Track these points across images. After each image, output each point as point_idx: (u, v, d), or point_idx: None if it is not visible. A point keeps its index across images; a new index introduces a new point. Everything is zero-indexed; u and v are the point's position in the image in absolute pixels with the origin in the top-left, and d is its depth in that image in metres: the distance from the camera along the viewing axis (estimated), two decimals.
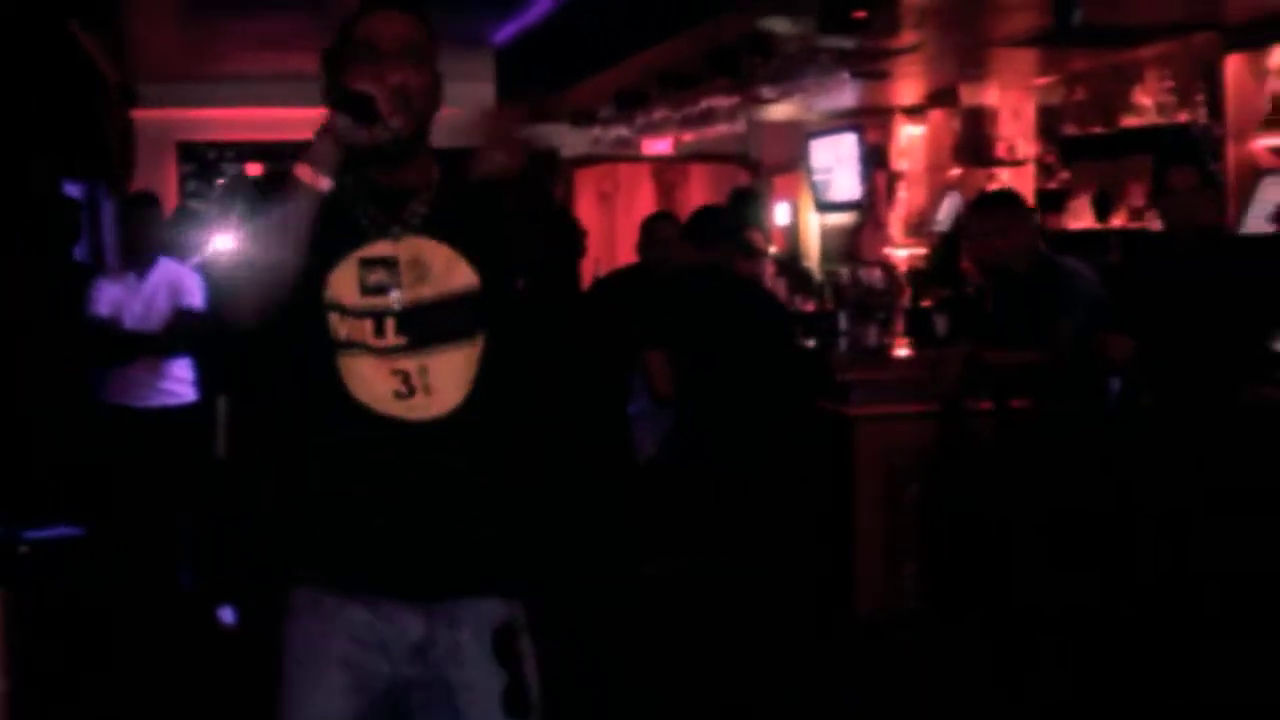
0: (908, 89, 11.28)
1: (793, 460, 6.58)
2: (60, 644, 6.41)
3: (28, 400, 7.27)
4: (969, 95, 10.81)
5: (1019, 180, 10.49)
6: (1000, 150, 10.74)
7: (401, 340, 2.95)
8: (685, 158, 14.78)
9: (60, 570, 6.41)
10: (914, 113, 12.08)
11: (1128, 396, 6.10)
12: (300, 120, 11.74)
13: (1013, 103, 10.74)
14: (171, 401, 7.37)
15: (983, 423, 6.68)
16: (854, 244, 12.01)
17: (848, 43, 8.25)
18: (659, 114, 10.27)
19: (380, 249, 2.96)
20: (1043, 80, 10.47)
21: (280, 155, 13.71)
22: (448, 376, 2.97)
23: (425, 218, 3.00)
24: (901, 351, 7.87)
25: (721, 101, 9.27)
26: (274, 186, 2.90)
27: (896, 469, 7.02)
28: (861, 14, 7.25)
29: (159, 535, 7.45)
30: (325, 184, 2.86)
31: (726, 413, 6.48)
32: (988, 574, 6.67)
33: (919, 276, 10.51)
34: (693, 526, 6.86)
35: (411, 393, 2.94)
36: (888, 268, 10.43)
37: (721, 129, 10.17)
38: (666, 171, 15.97)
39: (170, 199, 13.44)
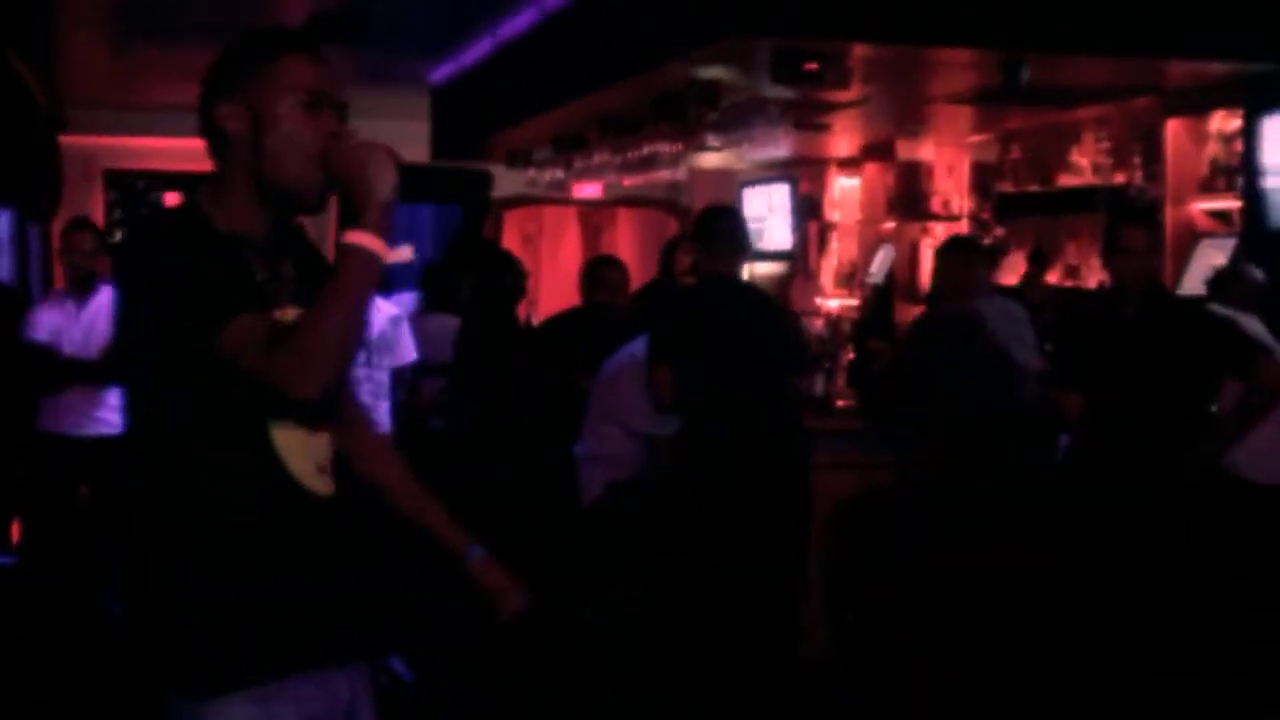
0: (844, 141, 11.36)
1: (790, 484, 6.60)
2: None
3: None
4: (905, 149, 10.89)
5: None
6: (935, 205, 10.83)
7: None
8: (613, 201, 14.77)
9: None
10: (849, 164, 12.15)
11: (1074, 451, 6.17)
12: None
13: (948, 158, 10.84)
14: (108, 430, 7.25)
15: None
16: (785, 294, 12.04)
17: (793, 94, 8.29)
18: (598, 158, 10.27)
19: (279, 316, 2.83)
20: (978, 137, 10.58)
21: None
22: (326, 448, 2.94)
23: (295, 287, 2.91)
24: (846, 401, 7.90)
25: (664, 147, 9.27)
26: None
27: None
28: (813, 66, 7.29)
29: (89, 565, 7.35)
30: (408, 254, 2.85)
31: (740, 429, 6.49)
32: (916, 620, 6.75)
33: (855, 327, 10.56)
34: (650, 560, 6.87)
35: (322, 468, 2.92)
36: (831, 320, 10.47)
37: (660, 175, 10.17)
38: (593, 215, 15.98)
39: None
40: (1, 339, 7.40)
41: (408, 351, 7.27)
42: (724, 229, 6.75)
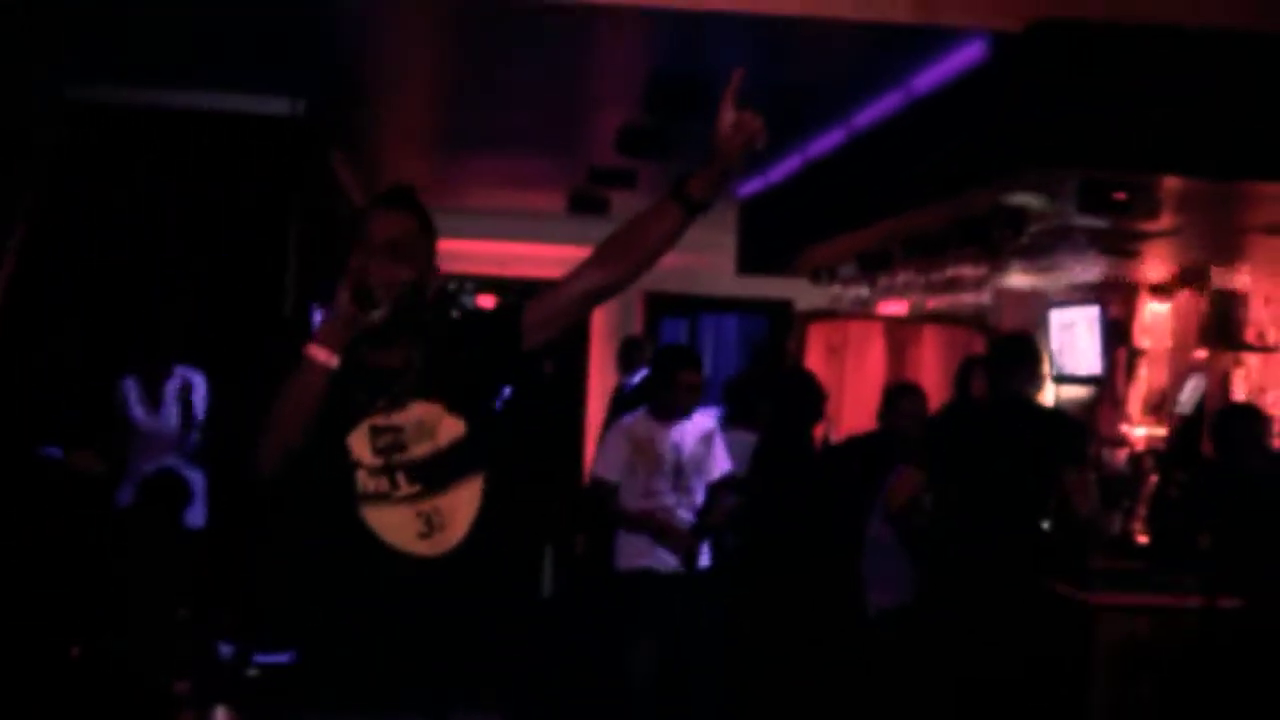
0: (1155, 267, 11.11)
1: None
2: None
3: (277, 530, 7.39)
4: (1220, 277, 10.60)
5: (1268, 367, 10.27)
6: (1250, 335, 10.51)
7: (416, 488, 3.50)
8: (919, 318, 14.67)
9: (286, 696, 6.48)
10: (1160, 291, 11.87)
11: None
12: (533, 256, 11.92)
13: (1265, 287, 10.52)
14: None
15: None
16: (1090, 419, 11.78)
17: (1101, 223, 8.15)
18: (903, 277, 10.22)
19: (386, 418, 3.53)
20: None
21: (512, 289, 13.92)
22: (458, 511, 3.53)
23: (416, 386, 3.54)
24: (1146, 539, 7.70)
25: (968, 270, 9.21)
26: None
27: (1136, 662, 6.84)
28: (1121, 196, 7.17)
29: None
30: (334, 361, 3.41)
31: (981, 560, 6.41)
32: None
33: (1160, 459, 10.29)
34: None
35: (431, 531, 3.50)
36: (1134, 454, 10.21)
37: (965, 296, 10.09)
38: (899, 330, 15.86)
39: None
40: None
41: (720, 464, 7.34)
42: (1020, 360, 6.68)
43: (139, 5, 7.43)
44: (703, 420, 7.47)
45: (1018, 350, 6.95)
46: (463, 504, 3.54)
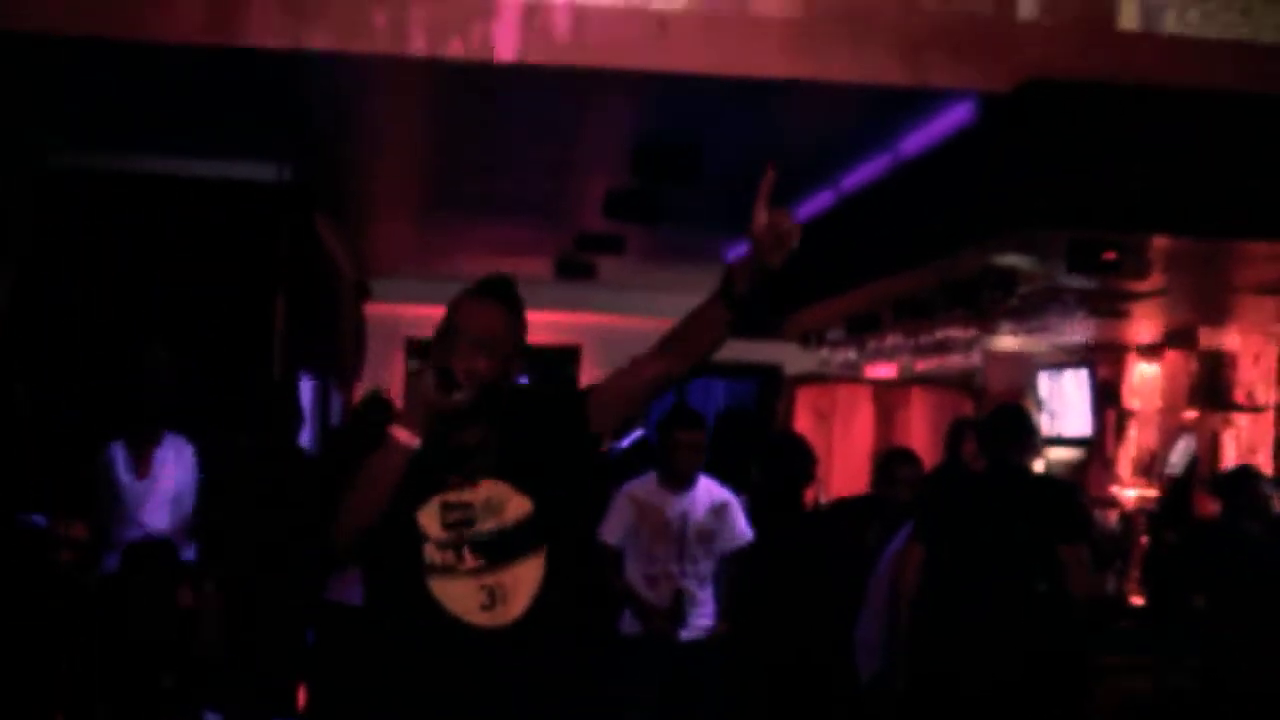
0: (1144, 328, 11.11)
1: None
2: None
3: (257, 593, 7.33)
4: (1208, 337, 10.61)
5: (1257, 427, 10.25)
6: (1239, 395, 10.51)
7: (481, 562, 3.64)
8: (907, 381, 14.67)
9: None
10: (1149, 351, 11.87)
11: None
12: None
13: (1254, 347, 10.52)
14: None
15: None
16: (1080, 481, 11.76)
17: (1091, 283, 8.15)
18: (891, 340, 10.22)
19: (457, 494, 3.67)
20: None
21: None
22: (520, 586, 3.66)
23: (486, 466, 3.69)
24: (1140, 600, 7.66)
25: (957, 332, 9.19)
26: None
27: None
28: (1111, 256, 7.17)
29: None
30: (416, 443, 3.54)
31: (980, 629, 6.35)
32: None
33: (1151, 519, 10.26)
34: None
35: (494, 604, 3.64)
36: (1125, 513, 10.19)
37: (954, 358, 10.08)
38: (887, 394, 15.85)
39: (398, 393, 13.61)
40: (299, 507, 7.54)
41: (738, 536, 7.31)
42: (1017, 430, 6.67)
43: (123, 71, 7.41)
44: (716, 490, 7.43)
45: (1014, 419, 6.94)
46: (525, 579, 3.68)
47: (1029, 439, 6.81)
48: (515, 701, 3.65)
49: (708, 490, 7.39)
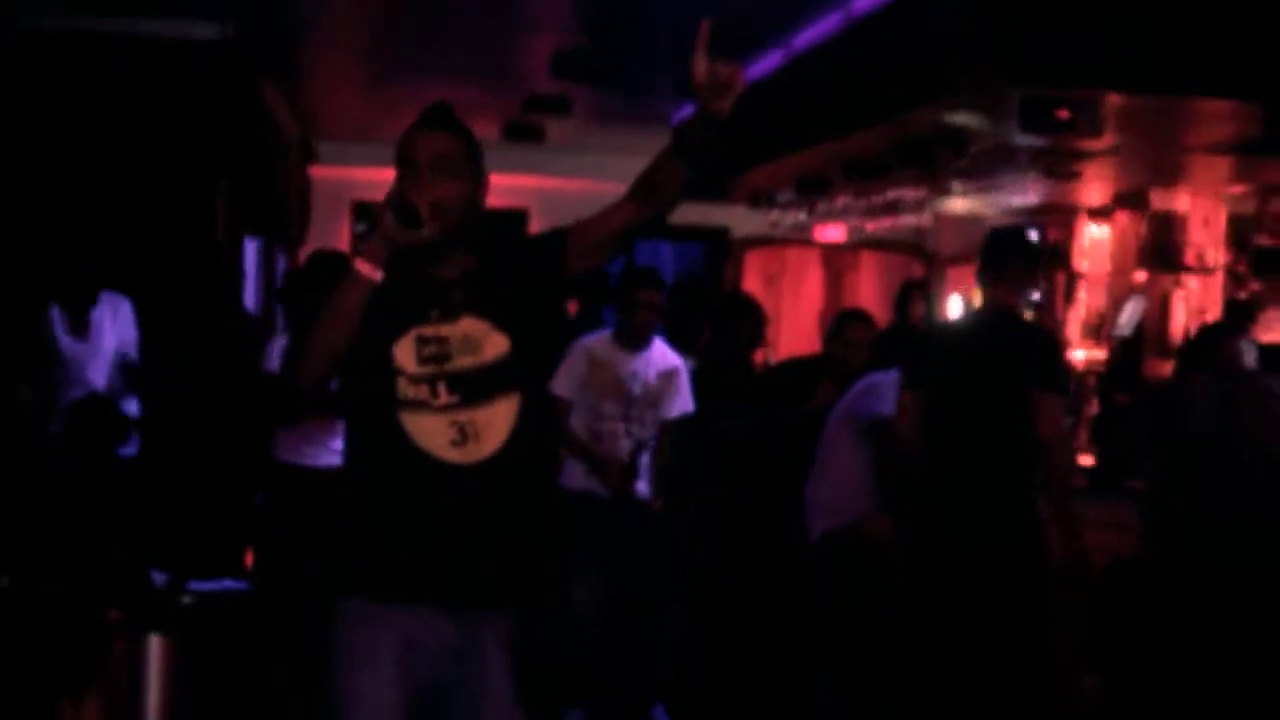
0: (1095, 190, 11.08)
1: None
2: (220, 697, 6.38)
3: (203, 454, 7.29)
4: (1159, 199, 10.58)
5: (1207, 289, 10.28)
6: (1189, 257, 10.51)
7: (455, 399, 3.65)
8: (857, 245, 14.62)
9: (223, 623, 6.40)
10: (1100, 214, 11.85)
11: None
12: None
13: (1204, 210, 10.51)
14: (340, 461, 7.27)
15: None
16: None
17: (1043, 142, 8.10)
18: (841, 201, 10.16)
19: (434, 328, 3.67)
20: (1237, 188, 10.24)
21: None
22: (493, 426, 3.68)
23: (466, 301, 3.68)
24: (1088, 460, 7.68)
25: (908, 193, 9.15)
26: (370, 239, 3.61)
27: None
28: (1064, 113, 7.12)
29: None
30: (378, 276, 3.55)
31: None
32: None
33: (1100, 381, 10.29)
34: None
35: (464, 440, 3.65)
36: (1075, 377, 10.20)
37: (905, 220, 10.04)
38: (837, 258, 15.83)
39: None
40: (244, 369, 7.48)
41: (681, 404, 7.28)
42: (1016, 255, 6.49)
43: None
44: (669, 355, 7.40)
45: (1012, 247, 6.67)
46: (498, 419, 3.69)
47: (1023, 270, 6.54)
48: (479, 537, 3.68)
49: (662, 353, 7.37)
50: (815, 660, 7.19)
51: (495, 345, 3.70)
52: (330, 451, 7.29)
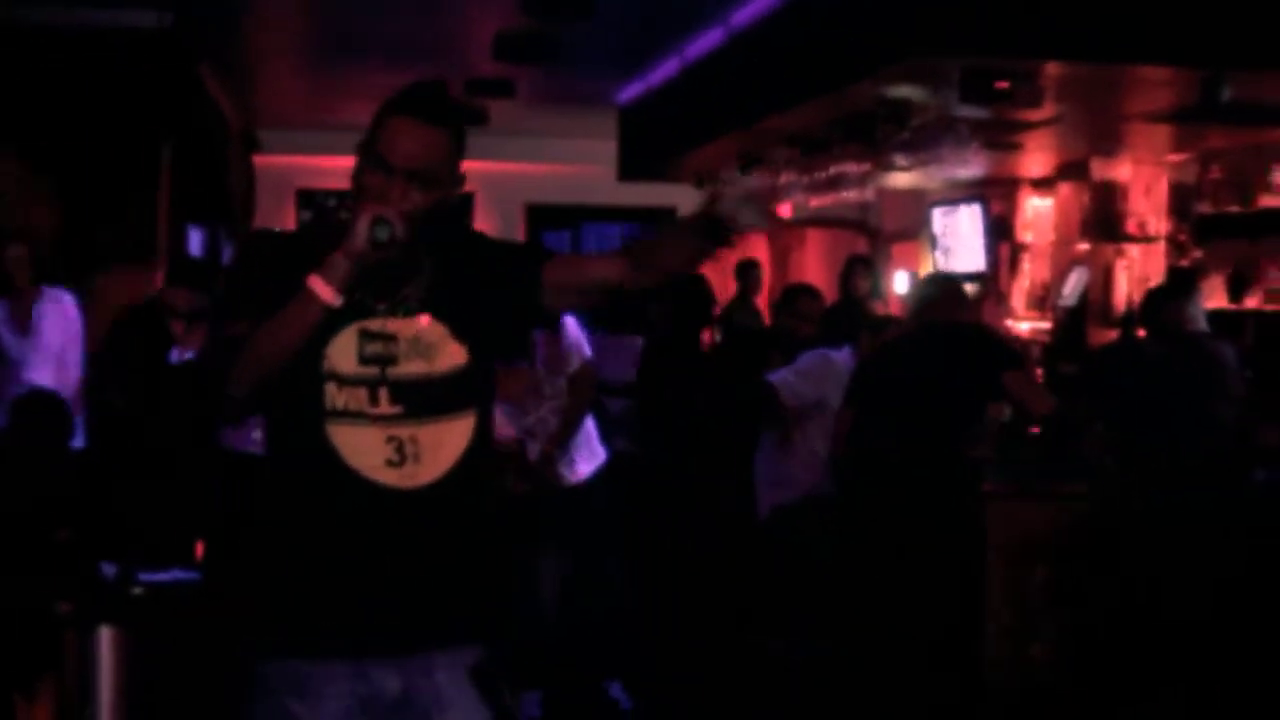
0: (1036, 160, 11.13)
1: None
2: (171, 688, 6.35)
3: (151, 441, 7.24)
4: (1100, 169, 10.63)
5: (1149, 257, 10.33)
6: (1131, 226, 10.56)
7: (398, 409, 3.14)
8: (802, 222, 14.65)
9: (174, 614, 6.37)
10: (1042, 185, 11.90)
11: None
12: None
13: (1145, 178, 10.56)
14: None
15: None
16: (975, 316, 11.84)
17: (984, 113, 8.12)
18: (785, 178, 10.16)
19: (382, 323, 3.16)
20: (1177, 157, 10.29)
21: None
22: (440, 448, 3.17)
23: (423, 299, 3.19)
24: (1034, 430, 7.72)
25: (852, 168, 9.17)
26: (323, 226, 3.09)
27: (1028, 550, 6.85)
28: (1004, 84, 7.14)
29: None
30: (337, 302, 3.05)
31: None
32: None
33: (1045, 351, 10.34)
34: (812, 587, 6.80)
35: (402, 461, 3.14)
36: (1021, 343, 10.26)
37: (849, 195, 10.06)
38: (782, 235, 15.86)
39: None
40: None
41: (580, 353, 7.04)
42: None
43: None
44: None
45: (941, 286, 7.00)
46: (447, 441, 3.18)
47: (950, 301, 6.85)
48: (416, 574, 3.17)
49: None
50: (766, 632, 7.23)
51: (451, 355, 3.18)
52: None
